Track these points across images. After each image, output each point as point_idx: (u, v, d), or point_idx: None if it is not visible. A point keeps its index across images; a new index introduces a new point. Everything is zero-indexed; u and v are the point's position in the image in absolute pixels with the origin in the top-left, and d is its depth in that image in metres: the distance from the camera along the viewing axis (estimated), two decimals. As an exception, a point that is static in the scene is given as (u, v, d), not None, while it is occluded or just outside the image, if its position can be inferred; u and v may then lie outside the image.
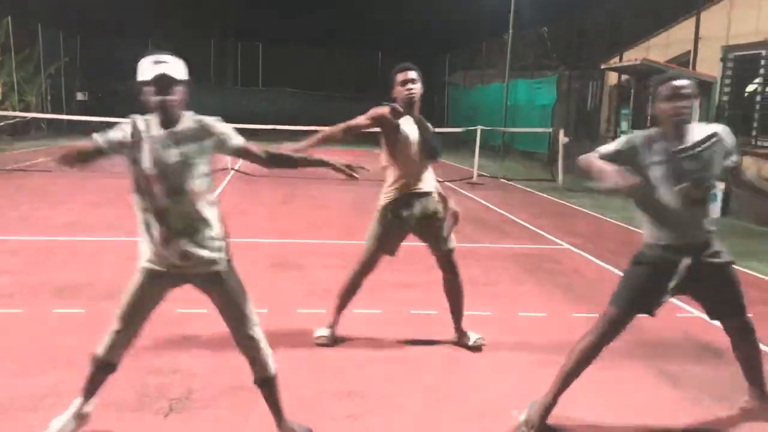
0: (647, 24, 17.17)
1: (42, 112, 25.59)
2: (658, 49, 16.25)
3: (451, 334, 4.72)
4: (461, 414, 3.63)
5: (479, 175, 16.22)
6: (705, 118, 13.47)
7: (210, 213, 2.95)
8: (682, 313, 5.74)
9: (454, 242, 4.57)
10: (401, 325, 4.66)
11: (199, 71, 30.83)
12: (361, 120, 4.36)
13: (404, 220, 4.38)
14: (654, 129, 3.43)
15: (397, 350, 4.53)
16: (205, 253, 2.93)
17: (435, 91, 32.73)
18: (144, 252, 2.98)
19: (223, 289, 3.01)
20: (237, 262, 3.09)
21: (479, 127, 17.17)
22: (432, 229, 4.48)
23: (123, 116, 2.99)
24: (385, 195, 4.43)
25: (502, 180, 16.29)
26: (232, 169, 14.67)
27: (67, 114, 25.62)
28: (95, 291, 5.55)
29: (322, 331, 4.59)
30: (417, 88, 4.33)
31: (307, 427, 3.26)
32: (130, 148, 2.86)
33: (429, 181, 4.47)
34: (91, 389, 3.15)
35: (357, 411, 3.57)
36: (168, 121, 2.87)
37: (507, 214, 10.77)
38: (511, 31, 23.29)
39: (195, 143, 2.89)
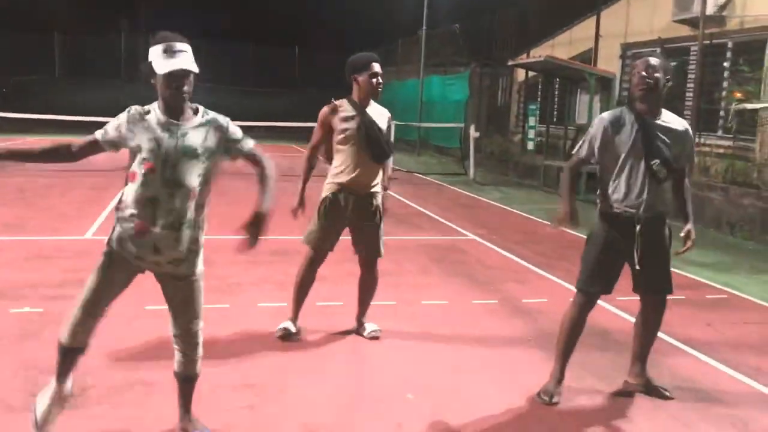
0: (553, 22, 17.78)
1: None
2: (563, 46, 16.86)
3: (354, 324, 4.83)
4: (358, 400, 3.74)
5: (394, 170, 16.25)
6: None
7: (198, 215, 2.89)
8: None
9: (383, 249, 4.67)
10: (306, 316, 4.71)
11: (108, 65, 29.85)
12: (315, 135, 4.54)
13: (340, 212, 4.45)
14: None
15: (300, 341, 4.59)
16: (181, 254, 2.86)
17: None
18: (115, 238, 2.86)
19: (188, 289, 2.95)
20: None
21: (394, 122, 17.32)
22: (366, 230, 4.55)
23: (33, 112, 2.89)
24: (326, 186, 4.52)
25: (417, 174, 16.55)
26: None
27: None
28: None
29: (285, 324, 4.60)
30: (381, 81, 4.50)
31: (207, 428, 3.19)
32: (130, 138, 2.77)
33: (374, 181, 4.54)
34: (63, 372, 3.02)
35: (254, 402, 3.62)
36: (175, 111, 2.79)
37: (419, 208, 10.99)
38: (424, 28, 23.62)
39: (202, 139, 2.82)
